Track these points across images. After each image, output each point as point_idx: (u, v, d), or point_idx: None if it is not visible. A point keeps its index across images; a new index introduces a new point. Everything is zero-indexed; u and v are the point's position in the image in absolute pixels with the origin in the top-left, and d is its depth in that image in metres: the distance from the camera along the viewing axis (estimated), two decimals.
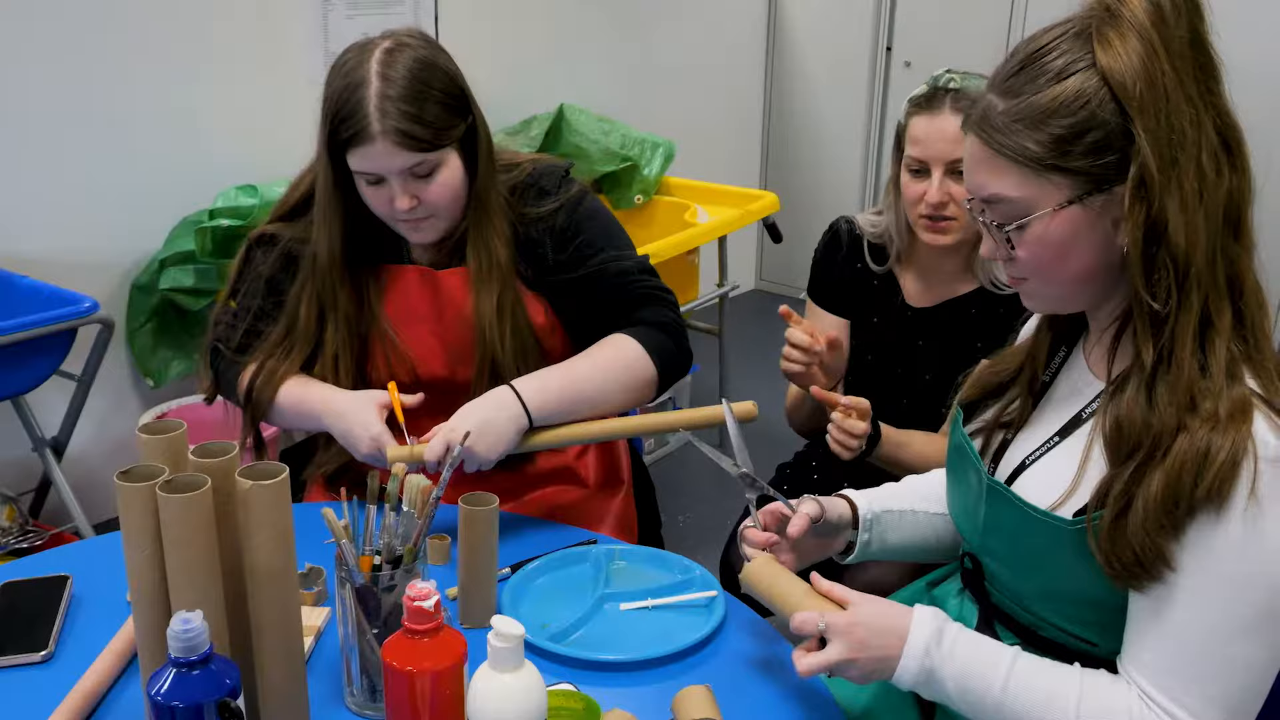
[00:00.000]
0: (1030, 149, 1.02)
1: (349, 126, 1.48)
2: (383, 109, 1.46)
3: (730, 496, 3.14)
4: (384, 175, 1.50)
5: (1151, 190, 0.98)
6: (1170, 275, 0.99)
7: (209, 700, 0.95)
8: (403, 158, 1.48)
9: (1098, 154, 1.01)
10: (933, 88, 1.76)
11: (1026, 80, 1.03)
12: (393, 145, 1.47)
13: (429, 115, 1.48)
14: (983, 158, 1.06)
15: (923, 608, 1.12)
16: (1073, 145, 1.01)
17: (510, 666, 0.94)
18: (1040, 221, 1.04)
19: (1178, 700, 1.01)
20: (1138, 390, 1.03)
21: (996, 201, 1.07)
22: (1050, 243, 1.05)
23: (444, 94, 1.51)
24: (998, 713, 1.07)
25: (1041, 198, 1.04)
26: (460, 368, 1.62)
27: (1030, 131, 1.02)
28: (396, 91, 1.47)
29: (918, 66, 4.48)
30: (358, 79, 1.48)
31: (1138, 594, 1.04)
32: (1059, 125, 1.01)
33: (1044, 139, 1.02)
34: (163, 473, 1.05)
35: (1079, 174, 1.02)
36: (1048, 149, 1.02)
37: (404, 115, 1.46)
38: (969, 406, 1.29)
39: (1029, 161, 1.03)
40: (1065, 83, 1.01)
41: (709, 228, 3.16)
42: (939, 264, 1.84)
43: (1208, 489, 0.97)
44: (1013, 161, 1.04)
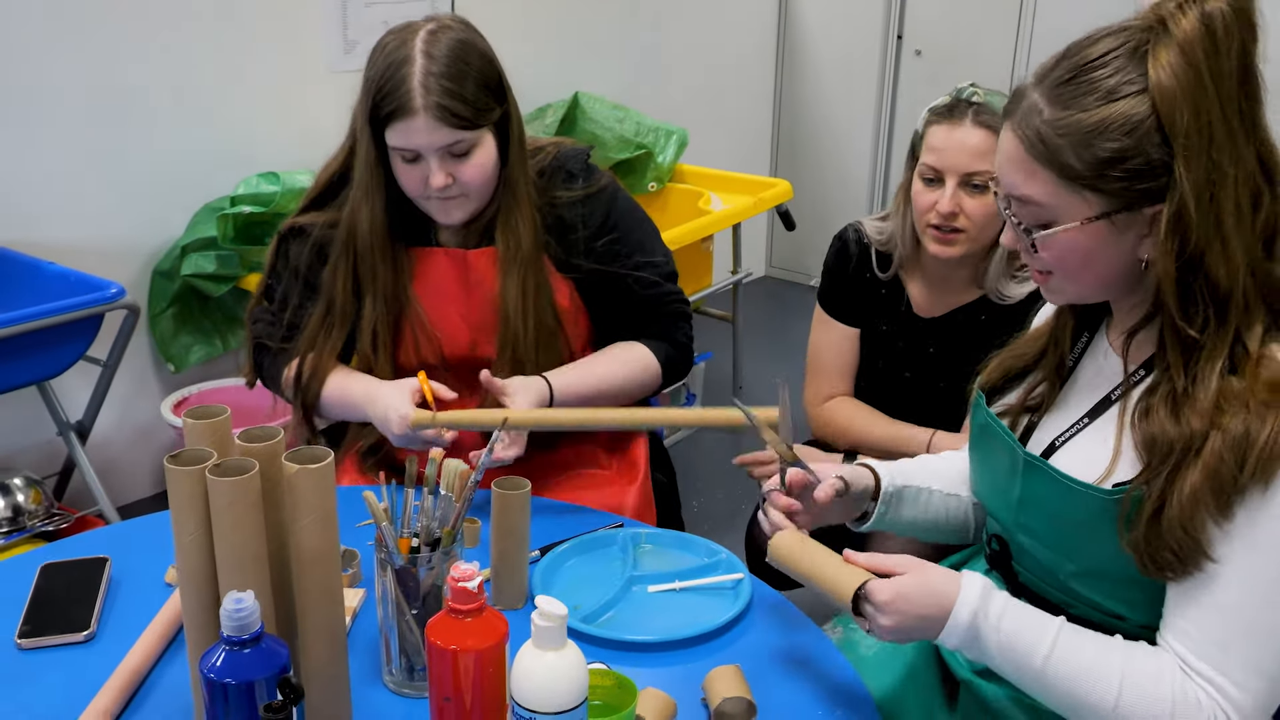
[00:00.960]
0: (1072, 165, 1.03)
1: (391, 101, 1.51)
2: (426, 85, 1.50)
3: (744, 481, 3.17)
4: (421, 152, 1.54)
5: (1189, 226, 1.00)
6: (1208, 306, 1.02)
7: (261, 678, 0.97)
8: (443, 134, 1.52)
9: (1135, 179, 1.02)
10: (955, 99, 1.76)
11: (1076, 93, 1.03)
12: (434, 120, 1.50)
13: (469, 94, 1.53)
14: (1019, 159, 1.07)
15: (970, 575, 1.13)
16: (1113, 169, 1.02)
17: (554, 645, 0.97)
18: (1067, 231, 1.06)
19: (1221, 669, 1.03)
20: (1168, 410, 1.05)
21: (1026, 202, 1.08)
22: (1074, 250, 1.07)
23: (483, 76, 1.56)
24: (1038, 681, 1.09)
25: (1071, 210, 1.05)
26: (483, 345, 1.66)
27: (1074, 148, 1.03)
28: (439, 69, 1.51)
29: (928, 55, 4.48)
30: (401, 57, 1.52)
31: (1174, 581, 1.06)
32: (1104, 148, 1.02)
33: (1087, 158, 1.03)
34: (211, 457, 1.07)
35: (1112, 195, 1.04)
36: (1089, 167, 1.03)
37: (446, 92, 1.50)
38: (989, 391, 1.31)
39: (1066, 175, 1.04)
40: (1115, 105, 1.02)
41: (724, 215, 3.18)
42: (945, 274, 1.85)
43: (1253, 470, 1.00)
44: (1049, 170, 1.05)
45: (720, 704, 1.15)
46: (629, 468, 1.79)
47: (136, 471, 2.90)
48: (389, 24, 3.24)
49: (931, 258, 1.83)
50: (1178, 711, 1.04)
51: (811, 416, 2.03)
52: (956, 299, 1.86)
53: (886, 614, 1.11)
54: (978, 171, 1.71)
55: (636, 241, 1.72)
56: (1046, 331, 1.28)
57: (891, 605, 1.11)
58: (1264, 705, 1.04)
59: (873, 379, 1.97)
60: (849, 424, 1.95)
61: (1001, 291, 1.80)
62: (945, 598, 1.11)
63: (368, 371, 1.66)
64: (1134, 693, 1.05)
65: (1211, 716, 1.04)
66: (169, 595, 1.37)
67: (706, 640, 1.30)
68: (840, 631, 1.39)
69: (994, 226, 1.75)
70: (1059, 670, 1.07)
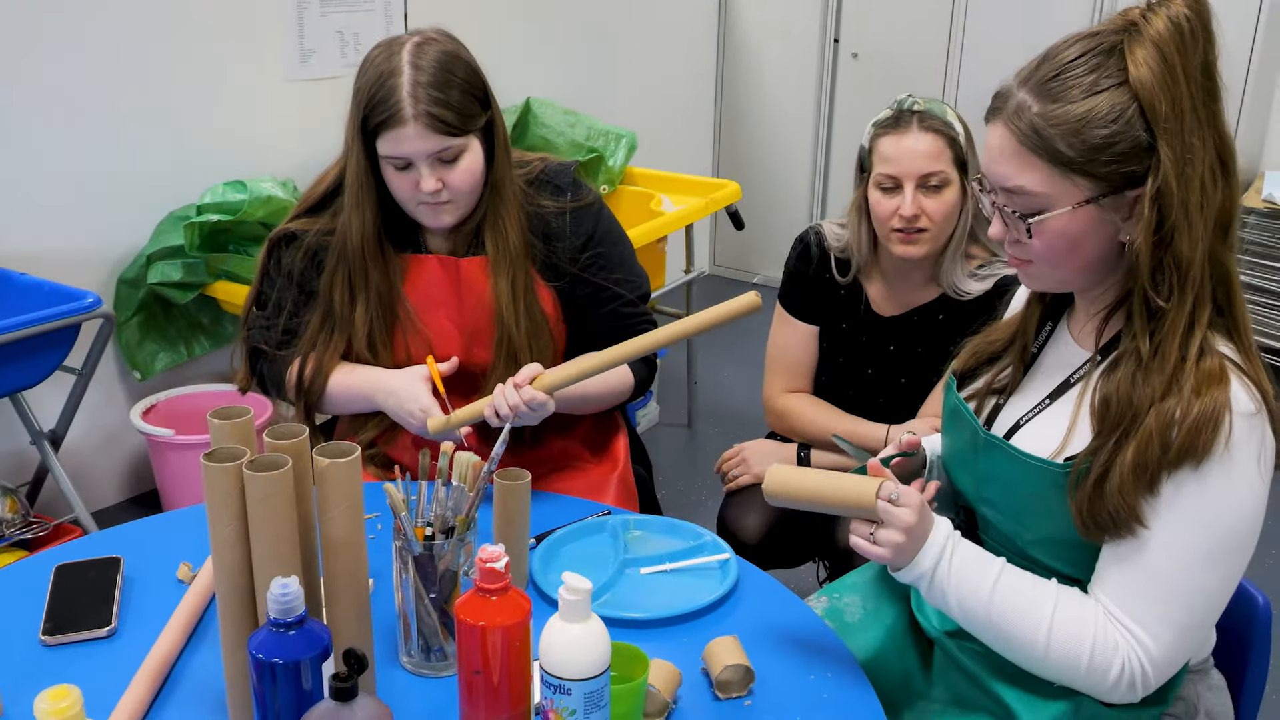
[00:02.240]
0: (1064, 152, 1.14)
1: (382, 111, 1.58)
2: (415, 95, 1.57)
3: (701, 473, 3.27)
4: (412, 159, 1.60)
5: (1167, 202, 1.11)
6: (1173, 275, 1.13)
7: (306, 658, 1.05)
8: (432, 141, 1.59)
9: (1121, 163, 1.13)
10: (898, 110, 1.87)
11: (1062, 89, 1.14)
12: (424, 128, 1.57)
13: (456, 102, 1.60)
14: (1012, 151, 1.17)
15: (939, 517, 1.25)
16: (1102, 154, 1.13)
17: (580, 618, 1.06)
18: (1059, 217, 1.17)
19: (1139, 621, 1.17)
20: (1129, 373, 1.17)
21: (1019, 192, 1.18)
22: (1066, 235, 1.17)
23: (468, 84, 1.63)
24: (988, 611, 1.21)
25: (1063, 195, 1.16)
26: (476, 350, 1.73)
27: (1066, 137, 1.13)
28: (427, 79, 1.58)
29: (865, 58, 4.62)
30: (390, 69, 1.59)
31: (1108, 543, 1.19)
32: (1094, 135, 1.12)
33: (1078, 145, 1.13)
34: (244, 454, 1.14)
35: (1101, 179, 1.14)
36: (1080, 153, 1.13)
37: (434, 101, 1.57)
38: (962, 375, 1.42)
39: (1059, 162, 1.14)
40: (1098, 96, 1.12)
41: (678, 216, 3.28)
42: (904, 275, 1.95)
43: (1180, 450, 1.12)
44: (1043, 159, 1.15)
45: (721, 672, 1.24)
46: (610, 461, 1.88)
47: (105, 478, 2.92)
48: (343, 33, 3.32)
49: (890, 259, 1.93)
50: (1096, 649, 1.17)
51: (770, 411, 2.13)
52: (915, 298, 1.97)
53: (912, 512, 1.21)
54: (932, 172, 1.83)
55: (619, 258, 1.80)
56: (1015, 321, 1.39)
57: (920, 509, 1.21)
58: (1172, 654, 1.18)
59: (835, 376, 2.08)
60: (806, 419, 2.05)
61: (959, 287, 1.91)
62: (931, 524, 1.24)
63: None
64: (1062, 631, 1.18)
65: (1126, 657, 1.17)
66: (182, 591, 1.44)
67: (701, 616, 1.39)
68: (825, 601, 1.49)
69: (951, 223, 1.87)
70: (1002, 609, 1.20)
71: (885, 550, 1.23)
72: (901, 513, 1.21)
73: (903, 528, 1.21)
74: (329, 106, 3.10)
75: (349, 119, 1.65)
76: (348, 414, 1.80)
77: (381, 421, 1.77)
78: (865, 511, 1.23)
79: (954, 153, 1.84)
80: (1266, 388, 1.15)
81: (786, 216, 4.90)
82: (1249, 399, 1.13)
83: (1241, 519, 1.14)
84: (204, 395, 2.89)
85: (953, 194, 1.85)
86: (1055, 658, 1.19)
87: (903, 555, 1.23)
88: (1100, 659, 1.17)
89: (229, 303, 2.84)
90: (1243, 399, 1.13)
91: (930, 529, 1.24)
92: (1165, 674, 1.19)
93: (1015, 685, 1.27)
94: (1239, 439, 1.12)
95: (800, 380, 2.10)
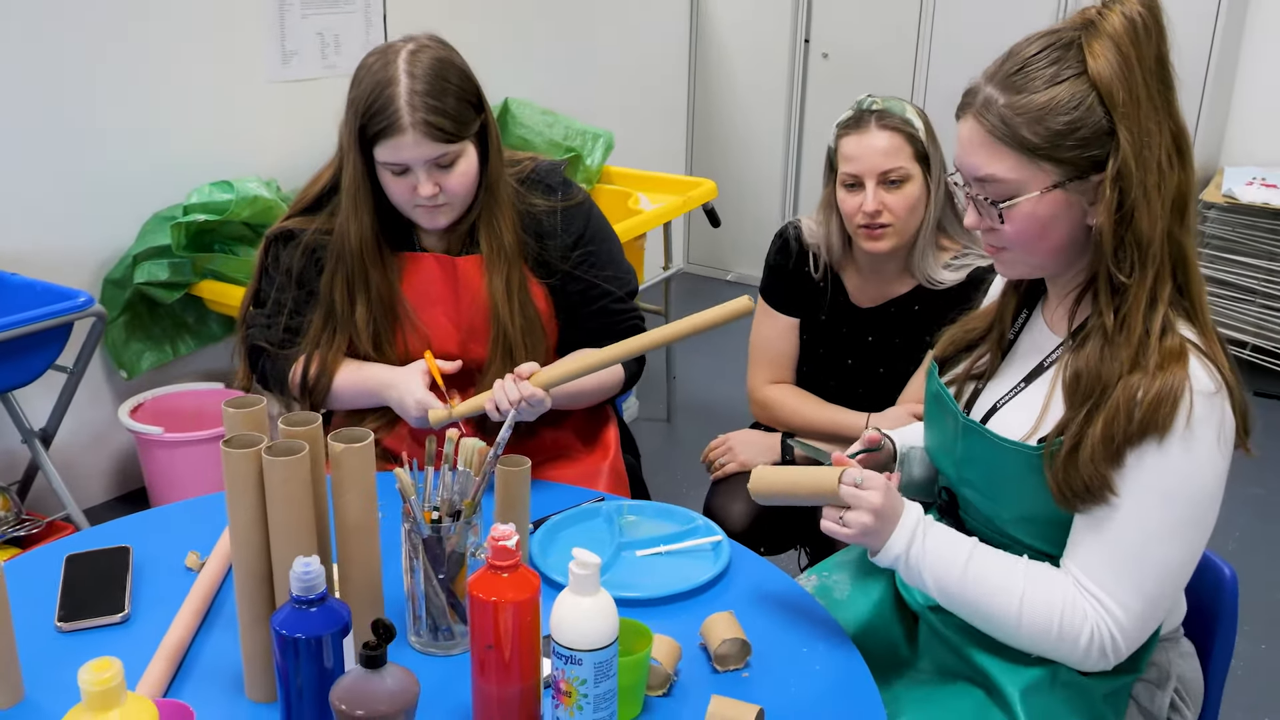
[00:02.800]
0: (1029, 139, 1.21)
1: (381, 120, 1.61)
2: (412, 104, 1.61)
3: (685, 463, 3.34)
4: (410, 165, 1.64)
5: (1127, 182, 1.19)
6: (1134, 253, 1.20)
7: (327, 633, 1.09)
8: (429, 148, 1.62)
9: (1084, 147, 1.20)
10: (858, 111, 1.94)
11: (1025, 81, 1.21)
12: (422, 136, 1.61)
13: (452, 109, 1.63)
14: (981, 142, 1.24)
15: (910, 502, 1.32)
16: (1066, 139, 1.20)
17: (589, 591, 1.11)
18: (1029, 201, 1.24)
19: (1108, 590, 1.23)
20: (1097, 347, 1.24)
21: (990, 181, 1.25)
22: (1036, 219, 1.24)
23: (463, 90, 1.66)
24: (961, 587, 1.28)
25: (1031, 181, 1.23)
26: (473, 346, 1.78)
27: (1031, 125, 1.20)
28: (423, 88, 1.61)
29: (835, 58, 4.70)
30: (386, 78, 1.62)
31: (1082, 513, 1.26)
32: (1057, 122, 1.20)
33: (1042, 132, 1.20)
34: (260, 441, 1.18)
35: (1066, 164, 1.21)
36: (1044, 140, 1.20)
37: (431, 109, 1.61)
38: (942, 361, 1.49)
39: (1025, 150, 1.21)
40: (1060, 86, 1.20)
41: (656, 214, 3.33)
42: (878, 268, 2.02)
43: (1142, 424, 1.19)
44: (1011, 148, 1.22)
45: (719, 645, 1.30)
46: (601, 450, 1.93)
47: (92, 476, 2.94)
48: (323, 35, 3.36)
49: (864, 253, 2.00)
50: (1065, 619, 1.24)
51: (754, 402, 2.19)
52: (891, 290, 2.04)
53: (878, 494, 1.28)
54: (892, 169, 1.90)
55: (608, 256, 1.85)
56: (992, 309, 1.46)
57: (886, 491, 1.29)
58: (1140, 621, 1.25)
59: (816, 366, 2.14)
60: (790, 410, 2.12)
61: (933, 277, 1.98)
62: (901, 509, 1.31)
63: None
64: (1033, 603, 1.25)
65: (1095, 626, 1.24)
66: (191, 579, 1.47)
67: (696, 594, 1.45)
68: (814, 579, 1.55)
69: (916, 216, 1.94)
70: (976, 585, 1.27)
71: (854, 531, 1.30)
72: (867, 495, 1.28)
73: (869, 509, 1.28)
74: (311, 108, 3.16)
75: (344, 125, 1.68)
76: (348, 409, 1.84)
77: (380, 414, 1.81)
78: (834, 498, 1.31)
79: (914, 148, 1.91)
80: (1226, 367, 1.22)
81: (759, 215, 4.98)
82: (1208, 378, 1.20)
83: (1203, 493, 1.21)
84: (190, 394, 2.92)
85: (915, 188, 1.92)
86: (1028, 628, 1.26)
87: (874, 537, 1.30)
88: (1069, 628, 1.24)
89: (215, 302, 2.87)
90: (1202, 378, 1.20)
91: (900, 512, 1.30)
92: (1135, 641, 1.25)
93: (995, 655, 1.33)
94: (1200, 417, 1.19)
95: (783, 372, 2.16)
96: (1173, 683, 1.38)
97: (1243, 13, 4.14)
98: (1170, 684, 1.38)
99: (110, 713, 0.92)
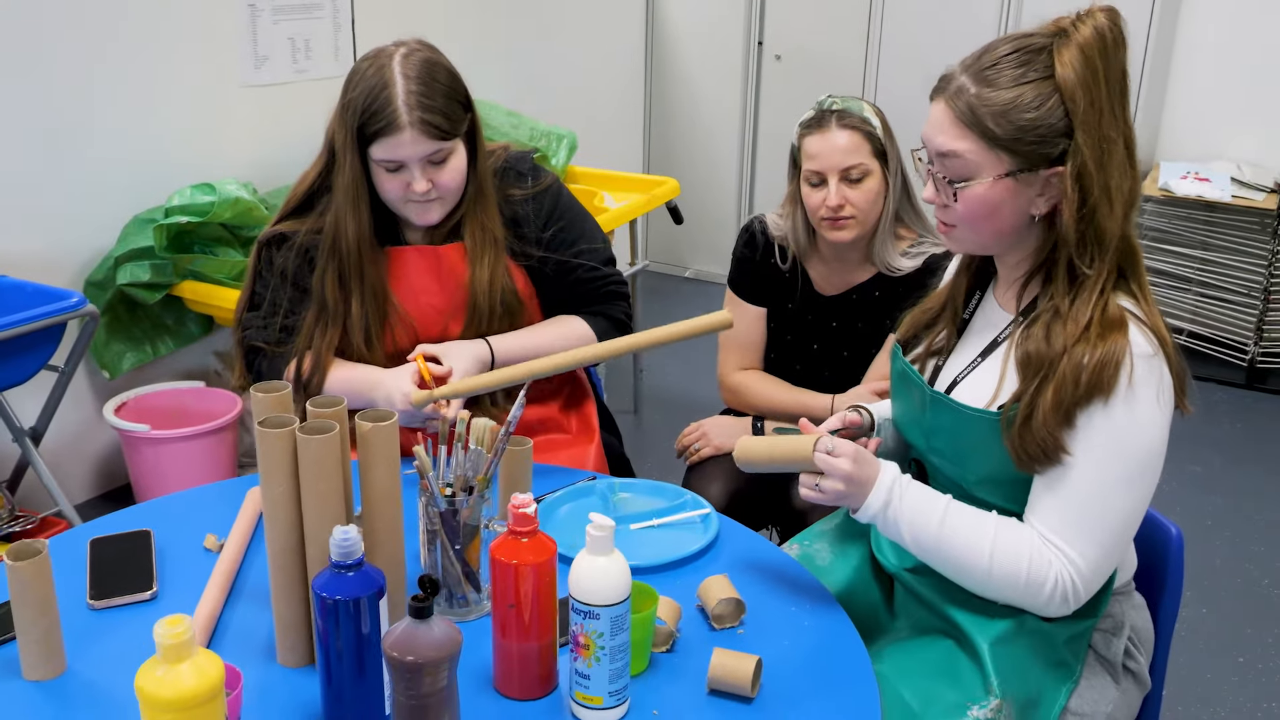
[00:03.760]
0: (991, 129, 1.33)
1: (379, 119, 1.71)
2: (409, 103, 1.70)
3: (649, 457, 3.44)
4: (405, 163, 1.73)
5: (1088, 182, 1.31)
6: (1095, 247, 1.34)
7: (364, 595, 1.18)
8: (425, 145, 1.72)
9: (1040, 144, 1.33)
10: (819, 111, 2.07)
11: (995, 76, 1.33)
12: (419, 134, 1.70)
13: (445, 108, 1.73)
14: (948, 123, 1.36)
15: (886, 463, 1.44)
16: (1025, 134, 1.32)
17: (604, 552, 1.21)
18: (982, 184, 1.36)
19: (1068, 540, 1.36)
20: (1046, 328, 1.37)
21: (950, 157, 1.37)
22: (986, 201, 1.37)
23: (453, 90, 1.77)
24: (938, 541, 1.40)
25: (988, 166, 1.35)
26: (453, 327, 1.88)
27: (995, 117, 1.32)
28: (418, 88, 1.71)
29: (787, 59, 4.84)
30: (382, 80, 1.71)
31: (1039, 474, 1.38)
32: (1019, 118, 1.32)
33: (1005, 125, 1.32)
34: (292, 422, 1.27)
35: (1021, 156, 1.34)
36: (1005, 133, 1.33)
37: (427, 108, 1.71)
38: (904, 343, 1.61)
39: (987, 138, 1.33)
40: (1026, 86, 1.32)
41: (623, 211, 3.44)
42: (840, 257, 2.15)
43: (1088, 387, 1.32)
44: (974, 133, 1.34)
45: (716, 606, 1.41)
46: (586, 430, 2.03)
47: (77, 474, 2.99)
48: (294, 40, 3.43)
49: (827, 245, 2.13)
50: (1033, 567, 1.37)
51: (724, 388, 2.31)
52: (853, 278, 2.16)
53: (847, 460, 1.39)
54: (852, 166, 2.02)
55: (579, 230, 1.96)
56: (947, 291, 1.58)
57: (856, 456, 1.40)
58: (1098, 566, 1.38)
59: (783, 352, 2.26)
60: (759, 394, 2.24)
61: (891, 264, 2.11)
62: (876, 470, 1.42)
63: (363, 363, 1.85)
64: (1002, 553, 1.37)
65: (1058, 573, 1.36)
66: (211, 559, 1.56)
67: (689, 562, 1.56)
68: (797, 548, 1.67)
69: (876, 208, 2.06)
70: (950, 538, 1.39)
71: (829, 496, 1.42)
72: (838, 462, 1.40)
73: (841, 476, 1.40)
74: (283, 111, 3.23)
75: (338, 127, 1.76)
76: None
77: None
78: (810, 464, 1.43)
79: (872, 145, 2.04)
80: (1163, 332, 1.36)
81: (716, 213, 5.10)
82: (1146, 342, 1.33)
83: (1148, 446, 1.35)
84: (171, 392, 2.98)
85: (874, 182, 2.04)
86: (998, 576, 1.38)
87: (850, 499, 1.42)
88: (1036, 575, 1.36)
89: (194, 301, 2.92)
90: (1141, 342, 1.33)
91: (876, 474, 1.42)
92: (1093, 586, 1.38)
93: (966, 609, 1.46)
94: (1140, 377, 1.32)
95: (751, 358, 2.28)
96: (1126, 631, 1.51)
97: (1175, 16, 4.34)
98: (1124, 632, 1.51)
99: (183, 664, 1.01)
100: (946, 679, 1.40)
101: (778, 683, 1.31)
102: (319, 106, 1.88)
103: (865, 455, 1.43)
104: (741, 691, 1.27)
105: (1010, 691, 1.37)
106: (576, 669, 1.23)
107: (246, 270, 1.91)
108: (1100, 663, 1.49)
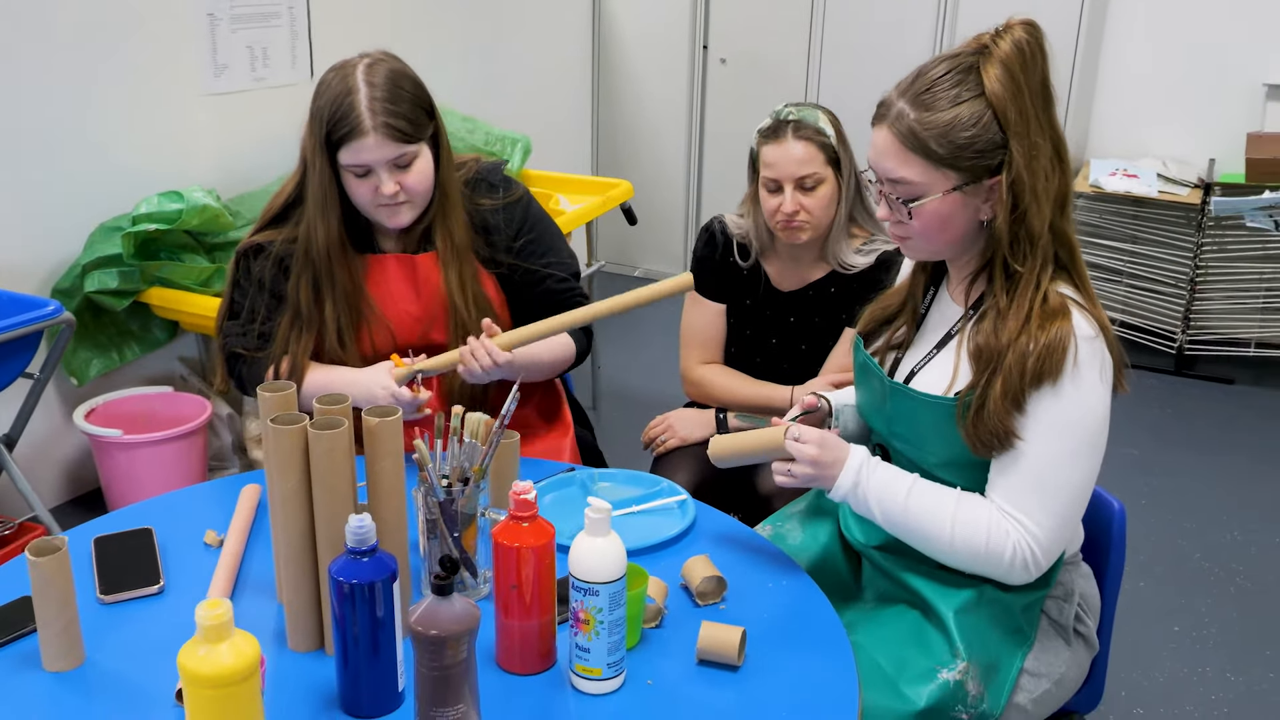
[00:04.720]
0: (935, 150, 1.44)
1: (344, 125, 1.78)
2: (372, 109, 1.78)
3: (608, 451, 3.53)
4: (372, 167, 1.81)
5: (1020, 187, 1.43)
6: (1026, 246, 1.45)
7: (378, 579, 1.26)
8: (389, 149, 1.79)
9: (980, 158, 1.44)
10: (776, 120, 2.17)
11: (932, 100, 1.43)
12: (383, 138, 1.78)
13: (408, 113, 1.81)
14: (893, 150, 1.47)
15: (855, 446, 1.55)
16: (966, 151, 1.43)
17: (602, 532, 1.30)
18: (934, 201, 1.47)
19: (1025, 512, 1.47)
20: (992, 323, 1.48)
21: (901, 182, 1.48)
22: (939, 215, 1.48)
23: (416, 97, 1.85)
24: (904, 515, 1.51)
25: (935, 184, 1.46)
26: (433, 334, 1.95)
27: (937, 139, 1.43)
28: (381, 94, 1.79)
29: (732, 62, 4.95)
30: (346, 88, 1.79)
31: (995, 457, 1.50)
32: (959, 137, 1.43)
33: (947, 145, 1.43)
34: (302, 419, 1.35)
35: (965, 170, 1.45)
36: (948, 152, 1.43)
37: (390, 113, 1.79)
38: (865, 335, 1.72)
39: (932, 159, 1.44)
40: (962, 106, 1.42)
41: (579, 213, 3.53)
42: (797, 256, 2.26)
43: (1036, 372, 1.43)
44: (919, 156, 1.45)
45: (699, 583, 1.51)
46: (560, 425, 2.12)
47: (48, 478, 3.01)
48: (253, 49, 3.47)
49: (784, 244, 2.24)
50: (991, 537, 1.48)
51: (687, 381, 2.40)
52: (809, 275, 2.27)
53: (813, 446, 1.51)
54: (807, 175, 2.13)
55: (548, 243, 2.04)
56: (904, 288, 1.69)
57: (820, 442, 1.52)
58: (1054, 538, 1.49)
59: (743, 347, 2.37)
60: (721, 387, 2.34)
61: (845, 262, 2.22)
62: (844, 453, 1.53)
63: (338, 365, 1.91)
64: (963, 525, 1.49)
65: (1016, 543, 1.48)
66: (214, 554, 1.62)
67: (670, 545, 1.65)
68: (769, 529, 1.77)
69: (830, 212, 2.18)
70: (915, 512, 1.50)
71: (800, 479, 1.54)
72: (805, 448, 1.52)
73: (809, 460, 1.52)
74: (244, 118, 3.27)
75: (308, 136, 1.84)
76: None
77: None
78: (781, 452, 1.55)
79: (826, 155, 2.15)
80: (1102, 317, 1.48)
81: (665, 214, 5.20)
82: (1088, 325, 1.45)
83: (1094, 421, 1.47)
84: (139, 397, 3.01)
85: (828, 189, 2.16)
86: (960, 546, 1.49)
87: (820, 480, 1.54)
88: (996, 544, 1.48)
89: (162, 308, 2.96)
90: (1083, 325, 1.45)
91: (844, 457, 1.53)
92: (1052, 555, 1.50)
93: (929, 580, 1.57)
94: (1084, 358, 1.44)
95: (712, 353, 2.38)
96: (1076, 598, 1.63)
97: (1102, 19, 4.53)
98: (1074, 599, 1.63)
99: (222, 644, 1.08)
100: (916, 646, 1.51)
101: (761, 651, 1.41)
102: (278, 113, 1.95)
103: (831, 440, 1.54)
104: (729, 661, 1.37)
105: (974, 655, 1.48)
106: (576, 643, 1.32)
107: (226, 280, 1.98)
108: (1053, 627, 1.61)
